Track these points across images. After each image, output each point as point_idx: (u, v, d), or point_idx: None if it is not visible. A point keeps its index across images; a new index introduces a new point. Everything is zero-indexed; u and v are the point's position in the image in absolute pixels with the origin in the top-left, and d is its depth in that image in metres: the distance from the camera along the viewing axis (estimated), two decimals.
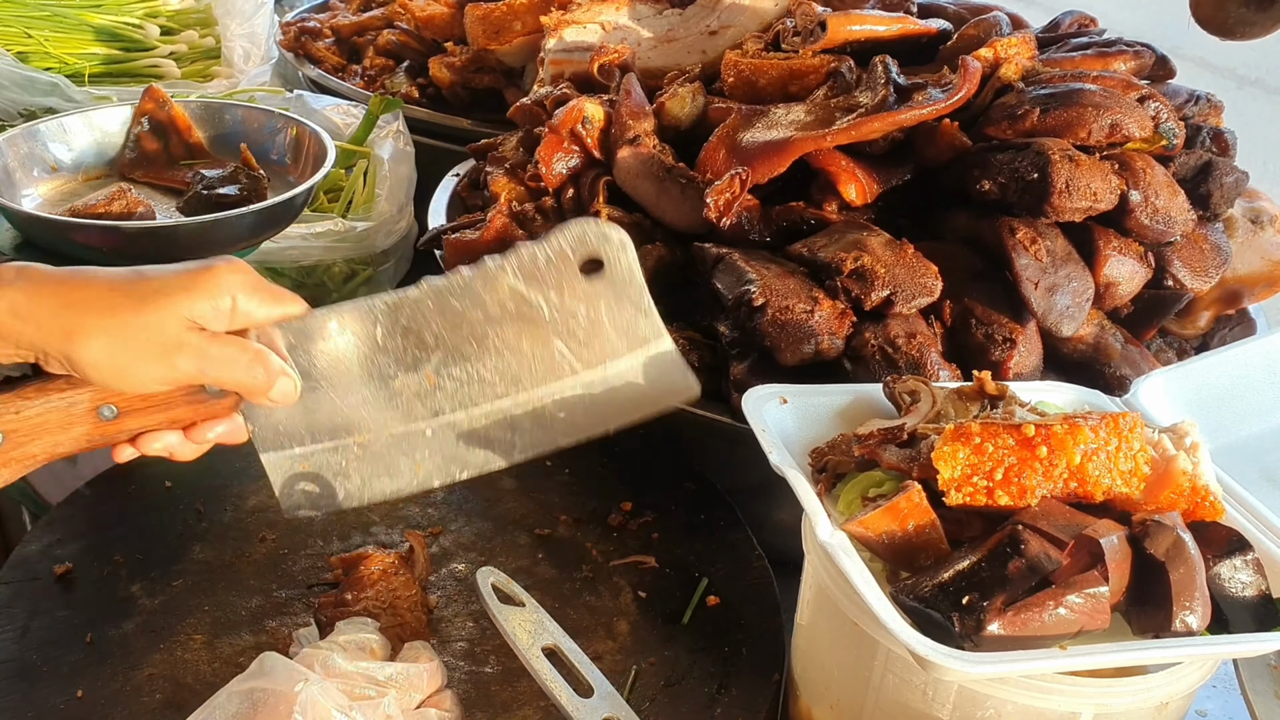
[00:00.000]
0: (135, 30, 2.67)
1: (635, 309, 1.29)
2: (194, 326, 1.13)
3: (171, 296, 1.12)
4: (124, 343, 1.11)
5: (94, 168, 1.95)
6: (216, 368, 1.15)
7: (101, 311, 1.11)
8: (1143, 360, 1.64)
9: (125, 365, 1.12)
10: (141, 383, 1.14)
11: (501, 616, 1.15)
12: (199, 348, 1.13)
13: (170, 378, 1.14)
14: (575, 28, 2.12)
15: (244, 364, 1.16)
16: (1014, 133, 1.63)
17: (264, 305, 1.17)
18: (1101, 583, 1.04)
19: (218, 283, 1.14)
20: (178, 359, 1.13)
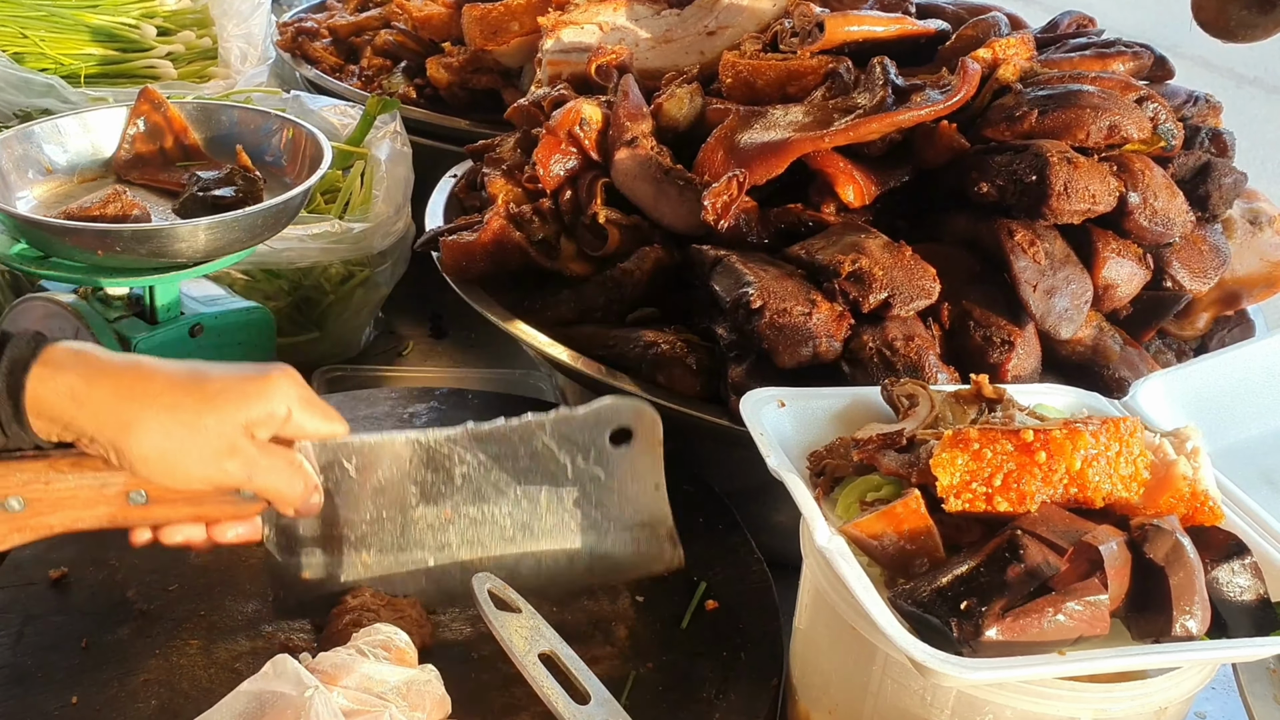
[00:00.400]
0: (132, 31, 2.66)
1: (649, 484, 1.41)
2: (249, 433, 1.16)
3: (230, 400, 1.15)
4: (180, 441, 1.13)
5: (89, 170, 1.94)
6: (263, 476, 1.18)
7: (163, 408, 1.13)
8: (1141, 362, 1.64)
9: (176, 463, 1.14)
10: (187, 480, 1.16)
11: (498, 623, 1.14)
12: (251, 456, 1.17)
13: (216, 479, 1.17)
14: (573, 28, 2.12)
15: (287, 475, 1.20)
16: (1012, 134, 1.63)
17: (314, 420, 1.22)
18: (1101, 590, 1.04)
19: (276, 391, 1.18)
20: (228, 463, 1.16)
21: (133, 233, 1.64)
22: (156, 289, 1.75)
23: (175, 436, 1.13)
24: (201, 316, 1.81)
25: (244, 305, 1.88)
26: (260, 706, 1.10)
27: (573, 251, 1.83)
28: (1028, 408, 1.30)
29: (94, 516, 1.21)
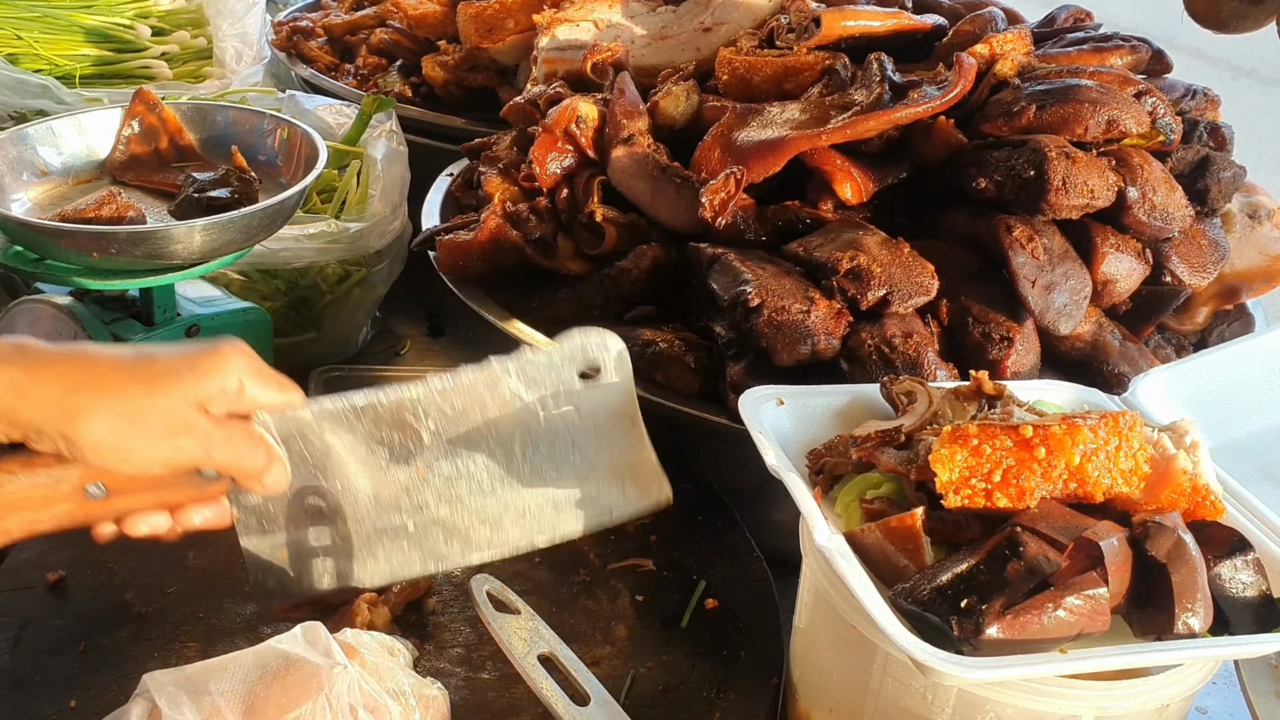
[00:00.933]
0: (126, 31, 2.65)
1: (624, 417, 1.34)
2: (200, 409, 1.13)
3: (180, 378, 1.12)
4: (130, 423, 1.10)
5: (84, 171, 1.93)
6: (220, 451, 1.15)
7: (108, 392, 1.10)
8: (1141, 357, 1.63)
9: (129, 446, 1.11)
10: (143, 464, 1.13)
11: (497, 625, 1.14)
12: (205, 430, 1.13)
13: (173, 459, 1.13)
14: (568, 26, 2.11)
15: (246, 449, 1.17)
16: (1010, 130, 1.63)
17: (267, 390, 1.19)
18: (1101, 584, 1.03)
19: (225, 365, 1.14)
20: (183, 440, 1.12)
21: (128, 234, 1.64)
22: (153, 291, 1.74)
23: (126, 418, 1.10)
24: (198, 318, 1.80)
25: (240, 306, 1.87)
26: (286, 665, 1.10)
27: (570, 250, 1.83)
28: (1027, 404, 1.30)
29: (52, 516, 1.17)
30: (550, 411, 1.31)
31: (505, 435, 1.30)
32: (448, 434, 1.29)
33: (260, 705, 1.07)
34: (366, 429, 1.28)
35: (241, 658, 1.11)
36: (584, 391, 1.32)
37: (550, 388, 1.31)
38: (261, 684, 1.09)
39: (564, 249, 1.83)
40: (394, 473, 1.29)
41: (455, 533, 1.30)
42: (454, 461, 1.30)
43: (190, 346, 1.16)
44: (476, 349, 2.31)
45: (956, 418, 1.27)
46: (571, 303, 1.78)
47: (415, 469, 1.30)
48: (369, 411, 1.27)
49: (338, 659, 1.11)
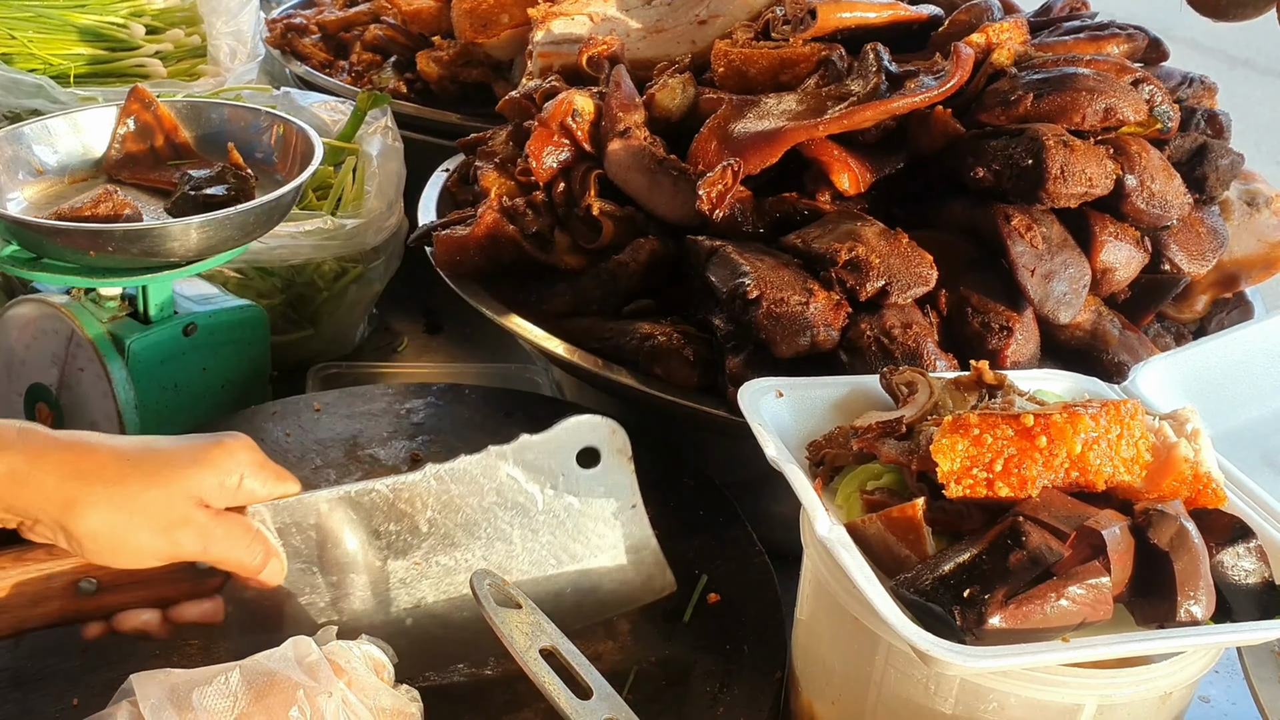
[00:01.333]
0: (120, 30, 2.64)
1: (626, 505, 1.35)
2: (200, 503, 1.13)
3: (181, 470, 1.12)
4: (128, 515, 1.09)
5: (79, 170, 1.92)
6: (219, 546, 1.14)
7: (108, 481, 1.09)
8: (1141, 346, 1.63)
9: (125, 538, 1.10)
10: (138, 557, 1.12)
11: (498, 619, 1.13)
12: (204, 526, 1.13)
13: (169, 553, 1.13)
14: (563, 20, 2.11)
15: (243, 543, 1.16)
16: (1008, 119, 1.62)
17: (267, 484, 1.18)
18: (1103, 573, 1.03)
19: (228, 460, 1.15)
20: (180, 535, 1.12)
21: (125, 232, 1.63)
22: (149, 289, 1.73)
23: (124, 510, 1.09)
24: (195, 315, 1.79)
25: (238, 303, 1.87)
26: (271, 685, 1.08)
27: (567, 244, 1.82)
28: (1027, 393, 1.30)
29: (41, 614, 1.15)
30: (549, 499, 1.31)
31: (504, 525, 1.30)
32: (445, 524, 1.28)
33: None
34: (363, 519, 1.26)
35: (229, 672, 1.10)
36: (584, 478, 1.32)
37: (549, 474, 1.30)
38: (246, 701, 1.07)
39: (561, 243, 1.82)
40: (392, 565, 1.28)
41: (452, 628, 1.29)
42: (452, 554, 1.29)
43: (194, 439, 1.16)
44: (475, 345, 2.34)
45: (957, 408, 1.27)
46: (569, 297, 1.78)
47: (413, 561, 1.28)
48: (365, 500, 1.25)
49: (324, 682, 1.10)
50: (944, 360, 1.49)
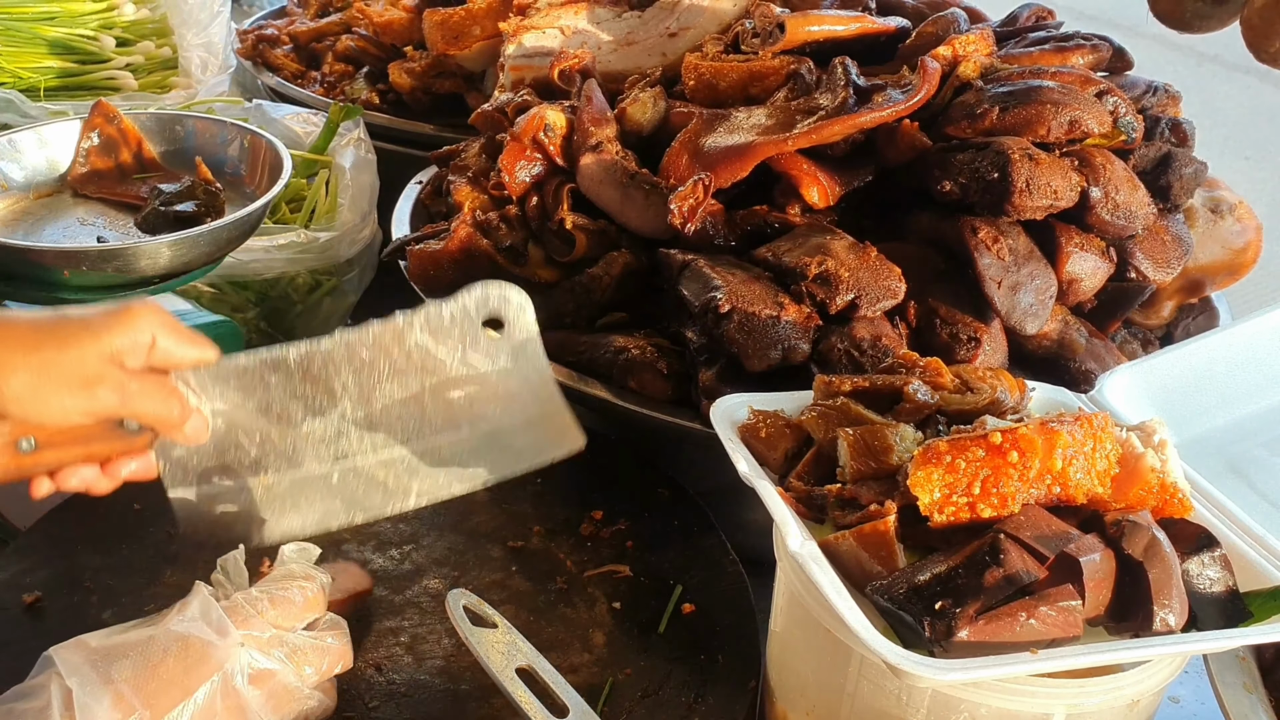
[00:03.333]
0: (90, 42, 2.63)
1: (532, 366, 1.36)
2: (114, 362, 1.18)
3: (94, 333, 1.17)
4: (47, 377, 1.15)
5: (45, 184, 1.92)
6: (135, 400, 1.19)
7: (26, 349, 1.15)
8: (1107, 354, 1.65)
9: (47, 398, 1.15)
10: (62, 414, 1.17)
11: (474, 639, 1.14)
12: (120, 381, 1.18)
13: (91, 409, 1.18)
14: (534, 33, 2.11)
15: (161, 398, 1.21)
16: (974, 132, 1.64)
17: (181, 346, 1.23)
18: (1075, 596, 1.05)
19: (136, 321, 1.19)
20: (99, 390, 1.17)
21: (99, 252, 1.64)
22: None
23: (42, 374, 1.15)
24: None
25: (211, 319, 1.86)
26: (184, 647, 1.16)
27: (540, 258, 1.83)
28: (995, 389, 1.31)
29: None
30: (458, 362, 1.33)
31: (416, 387, 1.33)
32: (359, 386, 1.32)
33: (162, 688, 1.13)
34: (280, 382, 1.30)
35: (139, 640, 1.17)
36: (490, 344, 1.34)
37: (456, 340, 1.33)
38: (163, 665, 1.15)
39: (534, 257, 1.83)
40: (310, 425, 1.32)
41: (374, 483, 1.34)
42: (368, 412, 1.33)
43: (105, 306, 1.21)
44: None
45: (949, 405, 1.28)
46: (543, 310, 1.77)
47: (330, 421, 1.32)
48: (281, 365, 1.29)
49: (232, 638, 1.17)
50: None
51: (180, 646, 1.16)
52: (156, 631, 1.18)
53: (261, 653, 1.21)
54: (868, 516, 1.15)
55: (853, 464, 1.21)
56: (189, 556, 1.53)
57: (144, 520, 1.58)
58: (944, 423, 1.26)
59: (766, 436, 1.29)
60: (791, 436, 1.30)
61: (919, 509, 1.12)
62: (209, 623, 1.19)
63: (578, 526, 1.60)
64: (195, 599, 1.23)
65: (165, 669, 1.14)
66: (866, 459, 1.21)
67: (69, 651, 1.14)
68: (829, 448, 1.25)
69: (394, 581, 1.51)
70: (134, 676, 1.13)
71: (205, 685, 1.14)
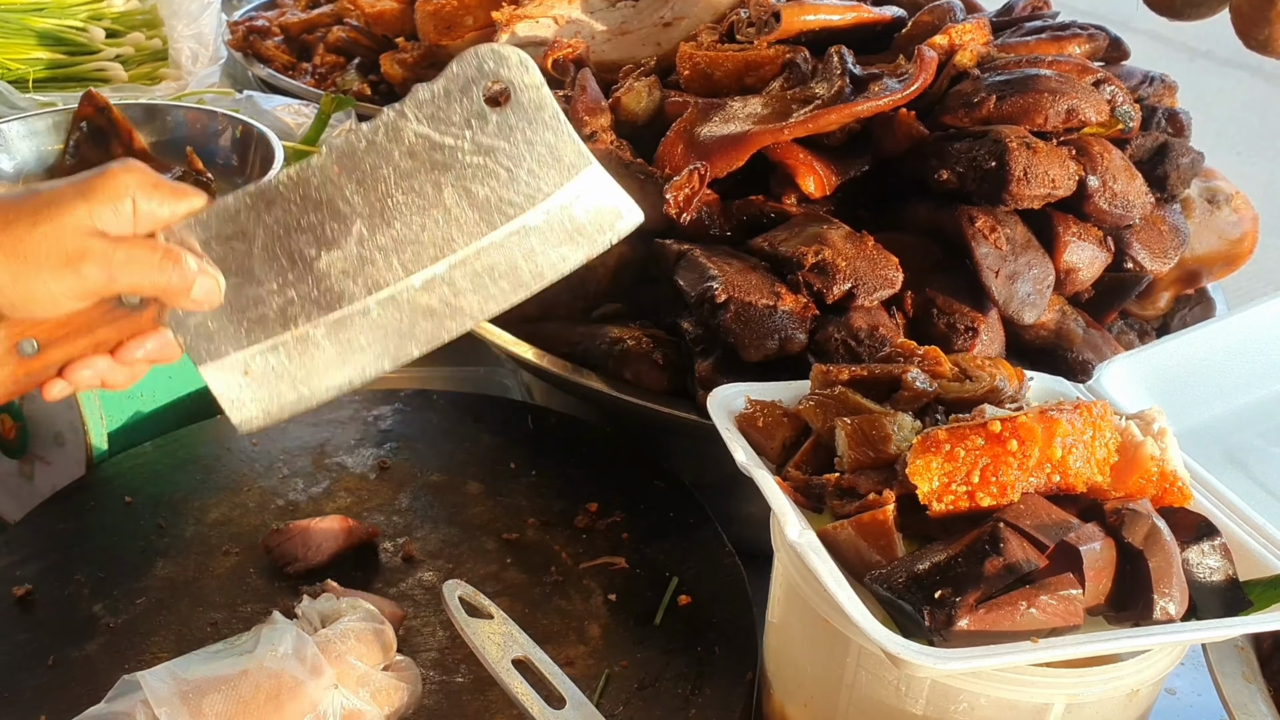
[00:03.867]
0: (79, 34, 2.62)
1: (553, 134, 1.19)
2: (96, 233, 1.07)
3: (67, 205, 1.06)
4: (24, 259, 1.04)
5: (34, 175, 1.90)
6: (125, 271, 1.08)
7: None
8: (1104, 344, 1.65)
9: (29, 283, 1.05)
10: (50, 300, 1.07)
11: (470, 630, 1.13)
12: (103, 252, 1.06)
13: (80, 290, 1.07)
14: (528, 22, 2.10)
15: (154, 264, 1.09)
16: (971, 121, 1.63)
17: (166, 204, 1.11)
18: (1075, 585, 1.04)
19: (115, 185, 1.08)
20: (83, 267, 1.06)
21: None
22: None
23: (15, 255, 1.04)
24: None
25: None
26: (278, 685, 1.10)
27: None
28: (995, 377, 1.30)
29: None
30: (469, 149, 1.17)
31: (430, 189, 1.17)
32: (367, 201, 1.17)
33: None
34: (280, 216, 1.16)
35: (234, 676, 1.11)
36: (500, 118, 1.17)
37: (460, 123, 1.17)
38: (254, 701, 1.09)
39: None
40: (329, 258, 1.17)
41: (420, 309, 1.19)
42: (387, 231, 1.17)
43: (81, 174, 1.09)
44: (443, 349, 2.31)
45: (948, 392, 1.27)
46: (537, 301, 1.76)
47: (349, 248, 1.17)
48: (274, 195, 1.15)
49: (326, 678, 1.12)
50: None
51: (273, 684, 1.11)
52: (249, 665, 1.13)
53: (351, 692, 1.17)
54: (866, 506, 1.14)
55: (851, 453, 1.21)
56: (180, 548, 1.52)
57: (135, 512, 1.57)
58: (942, 411, 1.25)
59: (764, 426, 1.28)
60: (789, 426, 1.29)
61: (918, 498, 1.12)
62: (302, 660, 1.14)
63: (573, 518, 1.59)
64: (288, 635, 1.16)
65: (257, 706, 1.09)
66: (865, 448, 1.20)
67: (157, 681, 1.09)
68: (827, 437, 1.24)
69: (389, 574, 1.50)
70: (225, 711, 1.08)
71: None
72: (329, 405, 1.77)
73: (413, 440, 1.74)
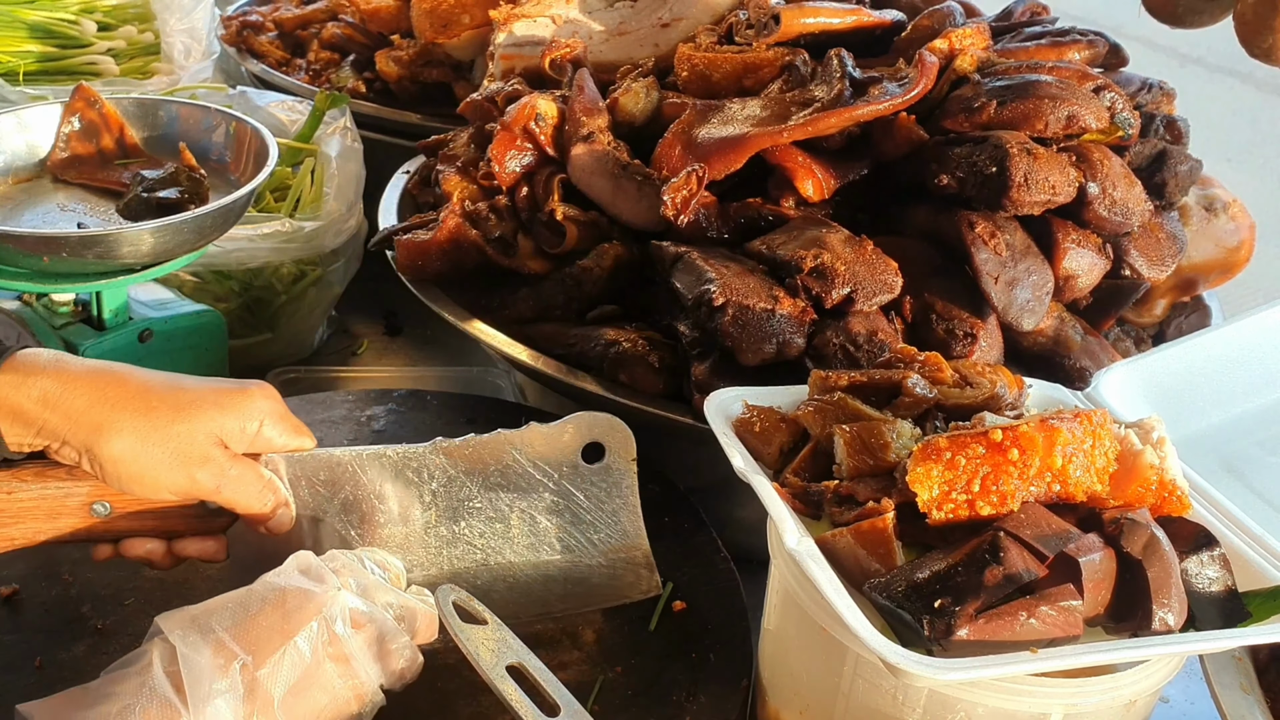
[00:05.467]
0: (71, 26, 2.59)
1: (626, 503, 1.38)
2: (220, 444, 1.17)
3: (205, 410, 1.16)
4: (152, 446, 1.14)
5: (25, 170, 1.88)
6: (232, 487, 1.18)
7: (136, 411, 1.13)
8: (1102, 351, 1.64)
9: (147, 467, 1.14)
10: (155, 487, 1.16)
11: (464, 636, 1.12)
12: (221, 466, 1.17)
13: (186, 489, 1.17)
14: (525, 22, 2.09)
15: (257, 489, 1.21)
16: (971, 126, 1.63)
17: (284, 435, 1.23)
18: (1075, 596, 1.03)
19: (250, 406, 1.19)
20: (199, 472, 1.16)
21: (79, 238, 1.60)
22: (104, 294, 1.71)
23: (148, 441, 1.13)
24: (151, 321, 1.77)
25: (194, 308, 1.84)
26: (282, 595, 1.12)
27: (530, 249, 1.81)
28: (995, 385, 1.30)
29: (55, 529, 1.20)
30: (552, 486, 1.35)
31: (504, 505, 1.34)
32: (448, 497, 1.32)
33: (263, 636, 1.10)
34: (371, 483, 1.30)
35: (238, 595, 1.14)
36: (587, 470, 1.36)
37: (554, 464, 1.34)
38: (262, 615, 1.11)
39: (524, 248, 1.81)
40: (391, 530, 1.31)
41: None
42: (451, 526, 1.33)
43: (220, 382, 1.21)
44: (436, 348, 2.32)
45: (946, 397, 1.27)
46: (532, 302, 1.76)
47: (413, 529, 1.32)
48: (375, 462, 1.30)
49: (331, 582, 1.15)
50: None
51: (278, 596, 1.13)
52: (254, 586, 1.16)
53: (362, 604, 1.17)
54: (865, 513, 1.13)
55: (850, 461, 1.20)
56: None
57: None
58: (942, 419, 1.25)
59: (761, 431, 1.28)
60: (786, 431, 1.28)
61: (917, 506, 1.11)
62: (306, 574, 1.17)
63: None
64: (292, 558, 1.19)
65: (264, 617, 1.11)
66: (863, 455, 1.19)
67: (170, 617, 1.12)
68: (826, 443, 1.23)
69: None
70: (233, 626, 1.10)
71: (305, 629, 1.11)
72: (322, 405, 1.78)
73: (406, 440, 1.71)
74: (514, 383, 2.09)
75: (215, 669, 1.06)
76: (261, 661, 1.08)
